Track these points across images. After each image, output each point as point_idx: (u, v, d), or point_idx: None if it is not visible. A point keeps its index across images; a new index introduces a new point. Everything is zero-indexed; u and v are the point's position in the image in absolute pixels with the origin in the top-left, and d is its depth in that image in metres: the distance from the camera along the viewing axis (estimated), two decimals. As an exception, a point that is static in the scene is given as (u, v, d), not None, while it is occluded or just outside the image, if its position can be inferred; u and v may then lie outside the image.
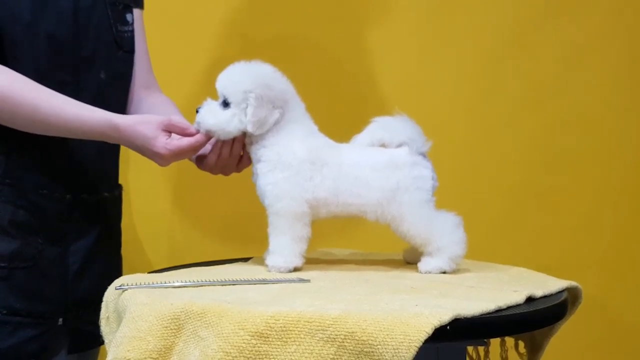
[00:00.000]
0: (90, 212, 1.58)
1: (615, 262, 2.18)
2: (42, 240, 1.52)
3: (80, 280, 1.57)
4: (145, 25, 1.69)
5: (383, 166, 1.44)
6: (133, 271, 1.43)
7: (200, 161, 1.52)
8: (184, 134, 1.44)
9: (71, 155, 1.54)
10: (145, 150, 1.44)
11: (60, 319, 1.55)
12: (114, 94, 1.56)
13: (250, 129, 1.43)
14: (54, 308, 1.54)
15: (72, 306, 1.56)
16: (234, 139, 1.47)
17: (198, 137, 1.44)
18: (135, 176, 2.03)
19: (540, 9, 2.15)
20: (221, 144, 1.47)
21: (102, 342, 1.60)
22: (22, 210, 1.50)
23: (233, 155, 1.48)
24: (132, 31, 1.62)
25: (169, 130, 1.44)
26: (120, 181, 1.69)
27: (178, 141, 1.43)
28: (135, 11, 1.64)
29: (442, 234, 1.45)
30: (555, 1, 2.16)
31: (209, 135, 1.45)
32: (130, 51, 1.62)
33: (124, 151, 1.66)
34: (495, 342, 1.45)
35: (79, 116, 1.44)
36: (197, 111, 1.45)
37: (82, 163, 1.56)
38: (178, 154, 1.44)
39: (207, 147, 1.51)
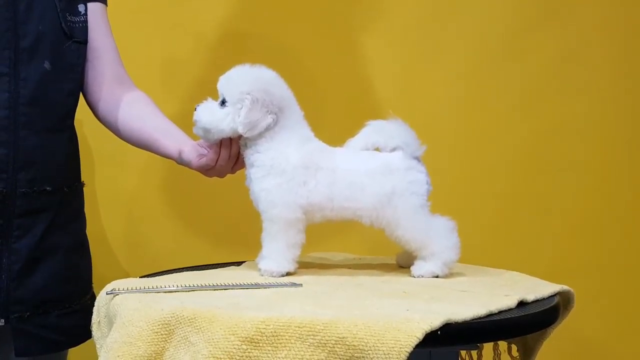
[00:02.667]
0: (32, 207, 1.51)
1: (609, 266, 2.18)
2: None
3: (24, 279, 1.51)
4: (141, 28, 1.67)
5: (378, 171, 1.44)
6: (123, 276, 1.43)
7: (198, 162, 1.51)
8: None
9: (3, 148, 1.49)
10: None
11: (2, 320, 1.50)
12: (63, 84, 1.53)
13: (240, 130, 1.43)
14: None
15: (15, 307, 1.50)
16: (231, 140, 1.47)
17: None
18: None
19: (532, 14, 2.15)
20: (220, 144, 1.47)
21: (61, 348, 1.58)
22: None
23: (231, 156, 1.48)
24: (85, 22, 1.59)
25: None
26: (87, 183, 1.67)
27: None
28: (96, 6, 1.62)
29: (437, 238, 1.45)
30: (547, 5, 2.16)
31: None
32: (82, 42, 1.59)
33: (87, 152, 1.64)
34: (488, 346, 1.45)
35: None
36: (195, 109, 1.46)
37: (16, 157, 1.50)
38: None
39: (204, 151, 1.51)
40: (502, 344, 1.46)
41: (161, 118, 1.60)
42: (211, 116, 1.44)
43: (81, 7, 1.59)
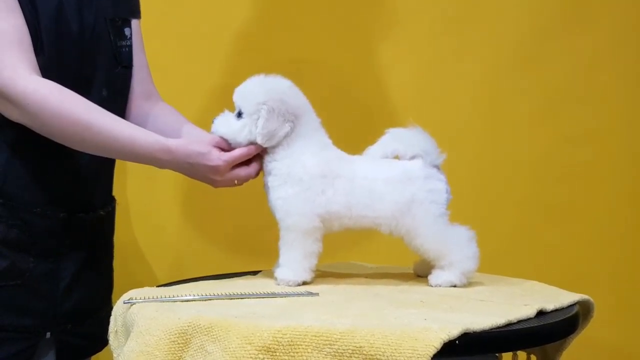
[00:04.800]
0: (85, 230, 1.57)
1: (629, 275, 2.16)
2: (33, 258, 1.51)
3: (69, 294, 1.55)
4: (159, 40, 1.68)
5: (397, 179, 1.43)
6: (140, 285, 1.43)
7: None
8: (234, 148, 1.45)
9: (68, 174, 1.53)
10: (199, 167, 1.43)
11: (48, 333, 1.54)
12: (117, 109, 1.55)
13: (259, 140, 1.43)
14: (41, 322, 1.53)
15: (60, 320, 1.55)
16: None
17: (250, 147, 1.44)
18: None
19: (551, 20, 2.14)
20: None
21: (89, 354, 1.64)
22: (15, 229, 1.49)
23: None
24: (130, 46, 1.61)
25: (218, 146, 1.44)
26: (119, 194, 1.69)
27: (231, 152, 1.44)
28: (133, 22, 1.63)
29: (455, 248, 1.44)
30: (568, 12, 2.14)
31: (259, 146, 1.45)
32: (129, 66, 1.61)
33: (120, 163, 1.66)
34: (507, 356, 1.44)
35: (132, 138, 1.44)
36: (213, 121, 1.47)
37: (79, 182, 1.55)
38: (232, 163, 1.43)
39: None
40: (522, 354, 1.45)
41: (186, 124, 1.61)
42: (228, 128, 1.44)
43: (127, 31, 1.61)
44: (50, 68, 1.47)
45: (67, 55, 1.50)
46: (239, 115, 1.44)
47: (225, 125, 1.45)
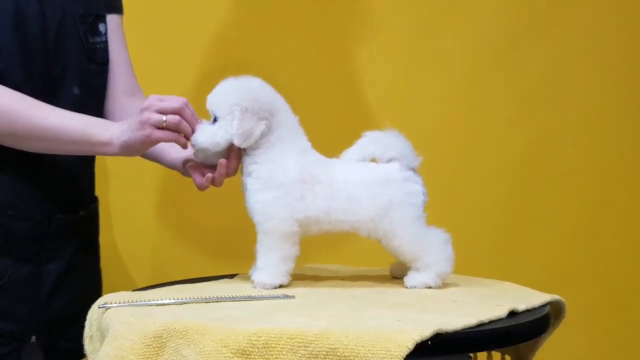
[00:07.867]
0: (66, 231, 1.56)
1: (602, 276, 2.18)
2: (12, 262, 1.50)
3: (55, 298, 1.55)
4: (137, 39, 1.68)
5: (375, 182, 1.44)
6: (116, 289, 1.43)
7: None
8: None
9: (40, 174, 1.52)
10: (130, 123, 1.41)
11: (34, 337, 1.53)
12: (91, 107, 1.54)
13: (236, 142, 1.43)
14: (25, 327, 1.52)
15: (46, 324, 1.54)
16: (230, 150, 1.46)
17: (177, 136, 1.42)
18: (116, 191, 2.03)
19: (529, 21, 2.15)
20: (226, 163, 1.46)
21: (81, 357, 1.57)
22: None
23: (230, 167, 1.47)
24: (106, 42, 1.59)
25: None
26: (100, 196, 1.68)
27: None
28: (112, 18, 1.62)
29: (431, 250, 1.45)
30: (547, 12, 2.16)
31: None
32: (104, 63, 1.60)
33: (102, 165, 1.65)
34: (482, 356, 1.45)
35: (61, 120, 1.42)
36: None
37: (55, 183, 1.54)
38: (160, 101, 1.40)
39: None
40: (496, 355, 1.46)
41: None
42: (205, 135, 1.43)
43: (102, 27, 1.59)
44: (12, 68, 1.46)
45: (29, 55, 1.48)
46: (215, 121, 1.44)
47: (203, 134, 1.44)
